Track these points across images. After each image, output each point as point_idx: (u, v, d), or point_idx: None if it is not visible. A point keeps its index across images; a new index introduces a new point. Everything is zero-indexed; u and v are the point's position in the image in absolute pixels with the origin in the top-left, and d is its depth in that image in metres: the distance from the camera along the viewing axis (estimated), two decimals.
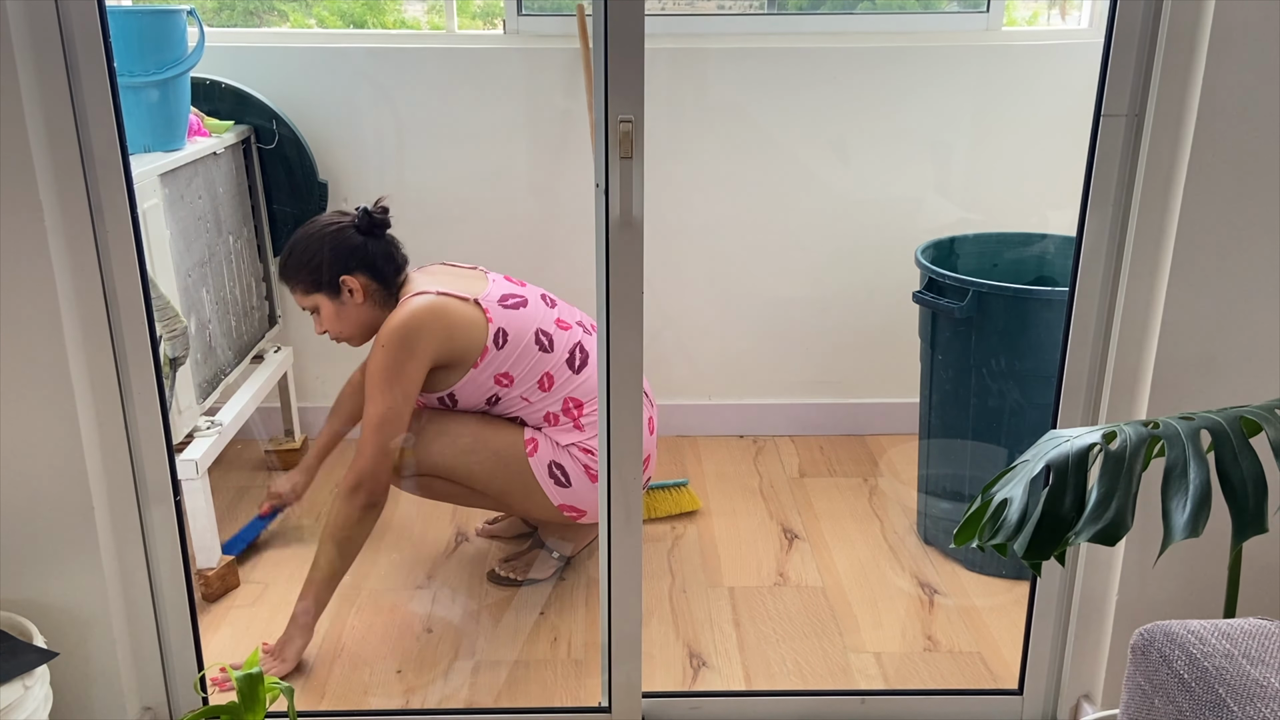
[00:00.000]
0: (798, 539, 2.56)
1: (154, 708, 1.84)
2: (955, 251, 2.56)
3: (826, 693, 1.98)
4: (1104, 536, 1.24)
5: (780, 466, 2.92)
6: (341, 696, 2.02)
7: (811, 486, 2.82)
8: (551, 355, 2.16)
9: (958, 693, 1.99)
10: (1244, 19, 1.47)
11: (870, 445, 3.05)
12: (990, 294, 2.23)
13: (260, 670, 1.57)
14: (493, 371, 2.13)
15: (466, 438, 2.18)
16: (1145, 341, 1.64)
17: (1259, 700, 0.97)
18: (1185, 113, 1.53)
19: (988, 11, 2.89)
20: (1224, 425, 1.28)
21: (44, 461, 1.63)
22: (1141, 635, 1.11)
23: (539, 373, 2.16)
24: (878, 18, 2.93)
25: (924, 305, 2.38)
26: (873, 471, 2.91)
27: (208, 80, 2.68)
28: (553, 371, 2.16)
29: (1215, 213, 1.55)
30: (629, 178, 1.59)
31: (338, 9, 3.10)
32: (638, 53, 1.53)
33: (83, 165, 1.55)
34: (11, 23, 1.45)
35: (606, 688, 1.88)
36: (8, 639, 1.60)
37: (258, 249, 2.79)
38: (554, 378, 2.17)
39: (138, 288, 1.62)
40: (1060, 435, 1.35)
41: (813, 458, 2.97)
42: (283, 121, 2.74)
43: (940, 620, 2.25)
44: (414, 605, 2.30)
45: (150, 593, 1.77)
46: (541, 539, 2.40)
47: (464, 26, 3.01)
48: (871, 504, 2.73)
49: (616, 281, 1.65)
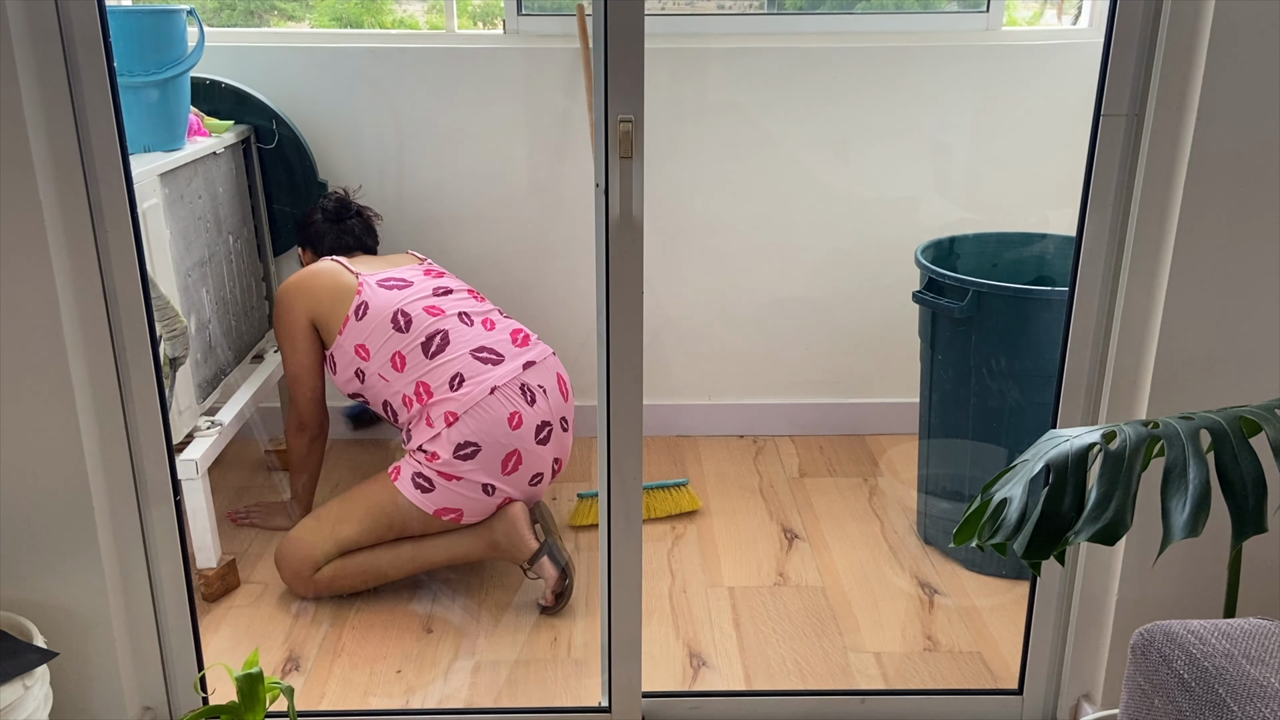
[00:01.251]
0: (798, 539, 2.56)
1: (154, 708, 1.84)
2: (955, 251, 2.56)
3: (826, 693, 1.98)
4: (1104, 536, 1.24)
5: (780, 466, 2.92)
6: (341, 696, 2.02)
7: (811, 486, 2.82)
8: (405, 336, 2.28)
9: (958, 693, 1.99)
10: (1244, 19, 1.47)
11: (870, 445, 3.05)
12: (990, 294, 2.23)
13: (260, 670, 1.57)
14: (353, 341, 2.32)
15: (334, 506, 2.30)
16: (1145, 341, 1.64)
17: (1259, 700, 0.97)
18: (1185, 113, 1.53)
19: (988, 11, 2.89)
20: (1224, 425, 1.28)
21: (44, 461, 1.63)
22: (1141, 635, 1.11)
23: (391, 351, 2.29)
24: (877, 18, 2.92)
25: (924, 305, 2.38)
26: (873, 471, 2.91)
27: (208, 80, 2.68)
28: (404, 352, 2.28)
29: (1215, 213, 1.55)
30: (629, 178, 1.59)
31: (331, 10, 3.10)
32: (638, 53, 1.53)
33: (83, 165, 1.55)
34: (11, 23, 1.45)
35: (606, 688, 1.88)
36: (8, 639, 1.60)
37: (258, 249, 2.79)
38: (405, 359, 2.28)
39: (138, 288, 1.62)
40: (1060, 435, 1.35)
41: (813, 458, 2.97)
42: (283, 121, 2.74)
43: (940, 620, 2.25)
44: (414, 605, 2.30)
45: (150, 593, 1.77)
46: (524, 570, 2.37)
47: (464, 26, 3.01)
48: (871, 504, 2.73)
49: (616, 281, 1.65)
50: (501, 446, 2.23)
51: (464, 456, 2.21)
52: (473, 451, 2.21)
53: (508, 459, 2.24)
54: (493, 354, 2.28)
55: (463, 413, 2.21)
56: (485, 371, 2.25)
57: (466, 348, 2.27)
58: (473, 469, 2.22)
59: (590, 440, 3.06)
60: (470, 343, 2.28)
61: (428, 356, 2.26)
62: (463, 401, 2.22)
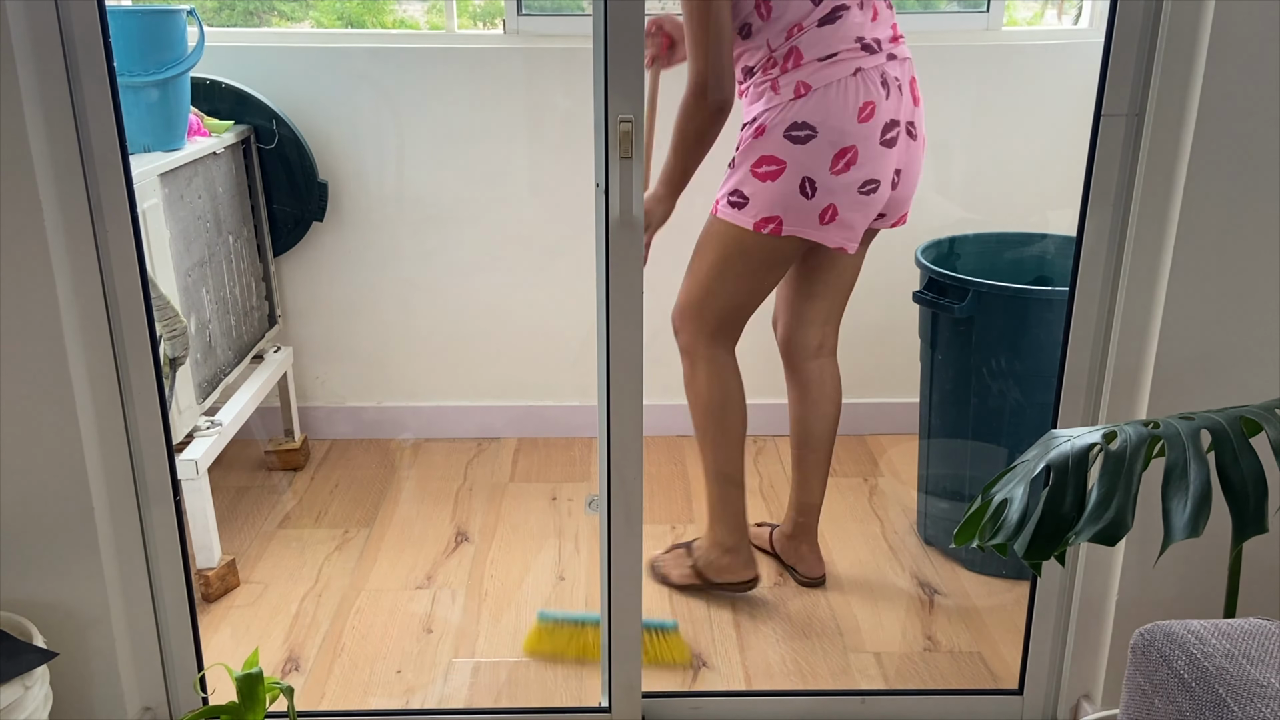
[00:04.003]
0: None
1: (154, 708, 1.84)
2: (955, 251, 2.56)
3: (826, 693, 1.98)
4: (1104, 536, 1.24)
5: (780, 466, 2.92)
6: (341, 696, 2.02)
7: None
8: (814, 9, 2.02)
9: (958, 693, 1.99)
10: (1244, 19, 1.47)
11: (870, 445, 3.05)
12: (990, 294, 2.23)
13: (260, 670, 1.57)
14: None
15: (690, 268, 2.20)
16: (1145, 341, 1.64)
17: (1259, 700, 0.97)
18: (1185, 113, 1.53)
19: (988, 11, 2.89)
20: (1224, 425, 1.28)
21: (44, 461, 1.63)
22: (1141, 635, 1.11)
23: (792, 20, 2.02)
24: None
25: (924, 305, 2.38)
26: (873, 471, 2.91)
27: (208, 80, 2.68)
28: (804, 24, 2.02)
29: (1215, 213, 1.55)
30: (629, 178, 1.59)
31: (333, 9, 3.10)
32: (638, 53, 1.53)
33: (83, 165, 1.55)
34: (11, 23, 1.45)
35: (606, 688, 1.88)
36: (8, 639, 1.60)
37: (258, 249, 2.79)
38: (803, 29, 2.02)
39: (138, 288, 1.62)
40: (1060, 435, 1.35)
41: None
42: (283, 121, 2.74)
43: (940, 620, 2.25)
44: (414, 605, 2.30)
45: (150, 593, 1.77)
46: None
47: (464, 26, 3.01)
48: (871, 504, 2.73)
49: (616, 281, 1.65)
50: (842, 135, 2.01)
51: (795, 140, 2.01)
52: (806, 136, 2.00)
53: (840, 155, 2.01)
54: (872, 44, 2.05)
55: (818, 87, 2.00)
56: (858, 56, 2.02)
57: (853, 34, 2.03)
58: (799, 155, 2.01)
59: (590, 440, 3.07)
60: (858, 29, 2.04)
61: (818, 27, 2.02)
62: (822, 76, 2.01)
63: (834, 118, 1.99)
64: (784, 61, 2.03)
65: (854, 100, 2.00)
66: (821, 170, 2.01)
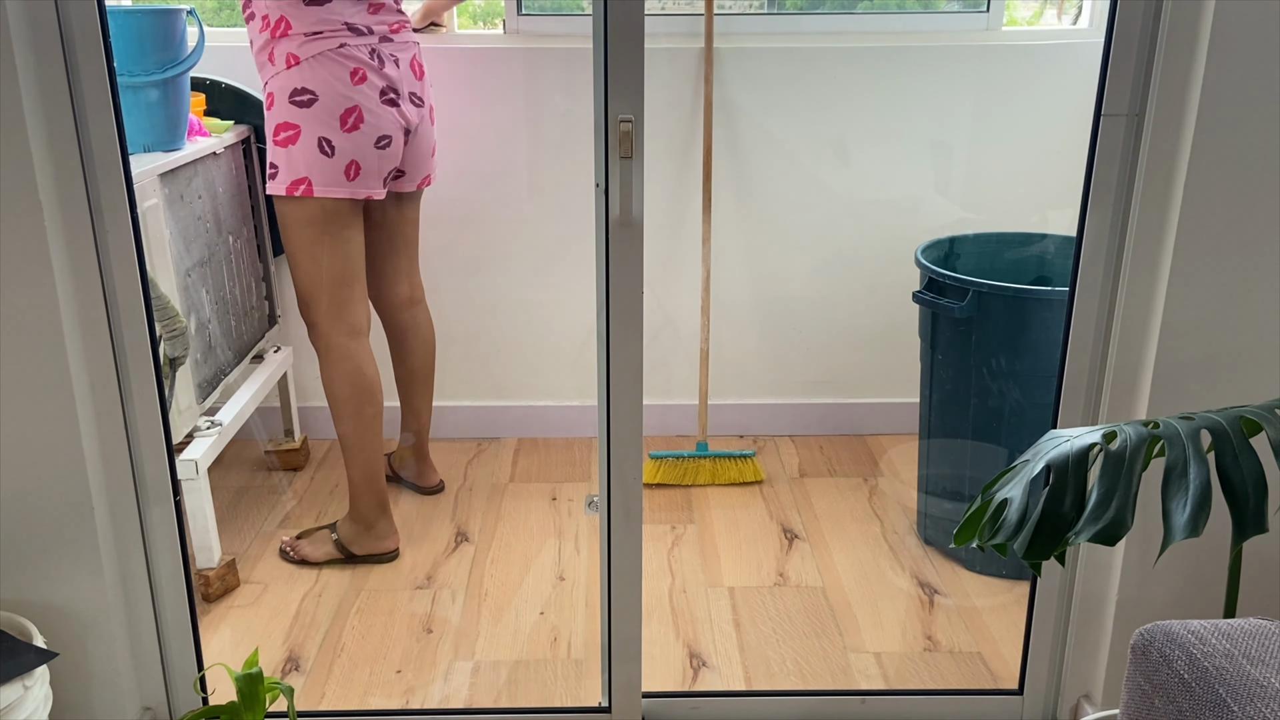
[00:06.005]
0: (798, 539, 2.56)
1: (154, 708, 1.84)
2: (955, 251, 2.56)
3: (826, 693, 1.98)
4: (1104, 536, 1.24)
5: (780, 466, 2.92)
6: (341, 696, 2.02)
7: (811, 486, 2.82)
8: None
9: (958, 693, 1.99)
10: (1244, 19, 1.47)
11: (870, 445, 3.05)
12: (990, 294, 2.23)
13: (260, 670, 1.57)
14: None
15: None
16: (1145, 341, 1.64)
17: (1259, 700, 0.97)
18: (1185, 113, 1.53)
19: (988, 11, 2.89)
20: (1224, 425, 1.28)
21: (44, 461, 1.63)
22: (1141, 635, 1.11)
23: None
24: (878, 18, 2.92)
25: (924, 305, 2.38)
26: (873, 471, 2.91)
27: (208, 80, 2.68)
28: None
29: (1215, 213, 1.55)
30: (629, 178, 1.59)
31: None
32: (638, 53, 1.53)
33: (83, 165, 1.55)
34: (11, 23, 1.45)
35: (606, 688, 1.88)
36: (8, 639, 1.60)
37: (257, 249, 2.79)
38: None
39: (138, 288, 1.62)
40: (1060, 435, 1.35)
41: (813, 458, 2.97)
42: None
43: (940, 620, 2.25)
44: (414, 605, 2.30)
45: (150, 593, 1.77)
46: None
47: (463, 26, 3.01)
48: (871, 504, 2.73)
49: (616, 281, 1.65)
50: (344, 98, 2.17)
51: (301, 104, 2.17)
52: (309, 100, 2.16)
53: (348, 114, 2.17)
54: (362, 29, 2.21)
55: (306, 59, 2.16)
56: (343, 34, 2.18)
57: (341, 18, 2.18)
58: (307, 118, 2.17)
59: (590, 440, 3.07)
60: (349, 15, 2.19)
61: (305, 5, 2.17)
62: (309, 49, 2.16)
63: (329, 84, 2.16)
64: (275, 27, 2.18)
65: (344, 67, 2.17)
66: (334, 130, 2.18)
